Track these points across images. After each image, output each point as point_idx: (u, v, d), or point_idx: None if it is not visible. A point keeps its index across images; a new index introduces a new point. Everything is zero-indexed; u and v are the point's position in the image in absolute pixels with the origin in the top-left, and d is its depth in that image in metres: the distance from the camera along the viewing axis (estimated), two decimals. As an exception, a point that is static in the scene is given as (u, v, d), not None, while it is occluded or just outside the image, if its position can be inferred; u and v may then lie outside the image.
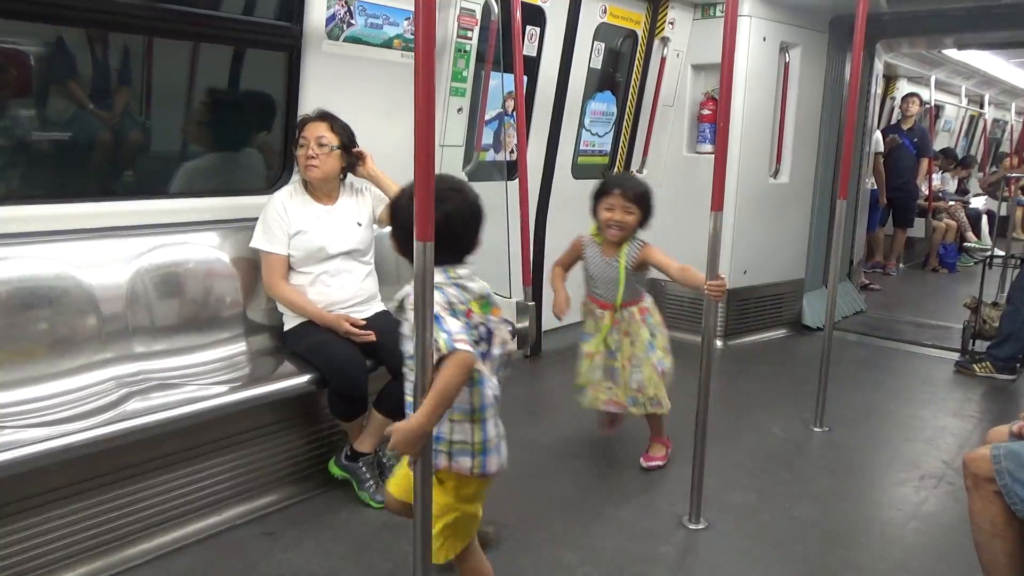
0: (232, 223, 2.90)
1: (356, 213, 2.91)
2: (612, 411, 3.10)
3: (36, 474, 2.09)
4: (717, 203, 2.54)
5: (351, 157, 2.87)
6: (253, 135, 3.27)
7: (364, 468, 2.76)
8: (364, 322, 2.77)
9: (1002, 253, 6.10)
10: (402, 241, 1.77)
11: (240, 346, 2.84)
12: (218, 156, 3.20)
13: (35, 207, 2.52)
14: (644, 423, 3.20)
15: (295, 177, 2.95)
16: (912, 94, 7.57)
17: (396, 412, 2.74)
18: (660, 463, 3.16)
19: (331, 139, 2.78)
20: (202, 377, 2.62)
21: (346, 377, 2.65)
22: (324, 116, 2.81)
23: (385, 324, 2.82)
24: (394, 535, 2.54)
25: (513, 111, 3.73)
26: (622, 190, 2.86)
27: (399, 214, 1.77)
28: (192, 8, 2.72)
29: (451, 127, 3.71)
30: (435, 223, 1.49)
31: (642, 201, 2.87)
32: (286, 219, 2.77)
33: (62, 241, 2.49)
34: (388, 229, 2.96)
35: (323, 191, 2.86)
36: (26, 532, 2.15)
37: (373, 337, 2.72)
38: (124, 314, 2.55)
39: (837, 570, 2.50)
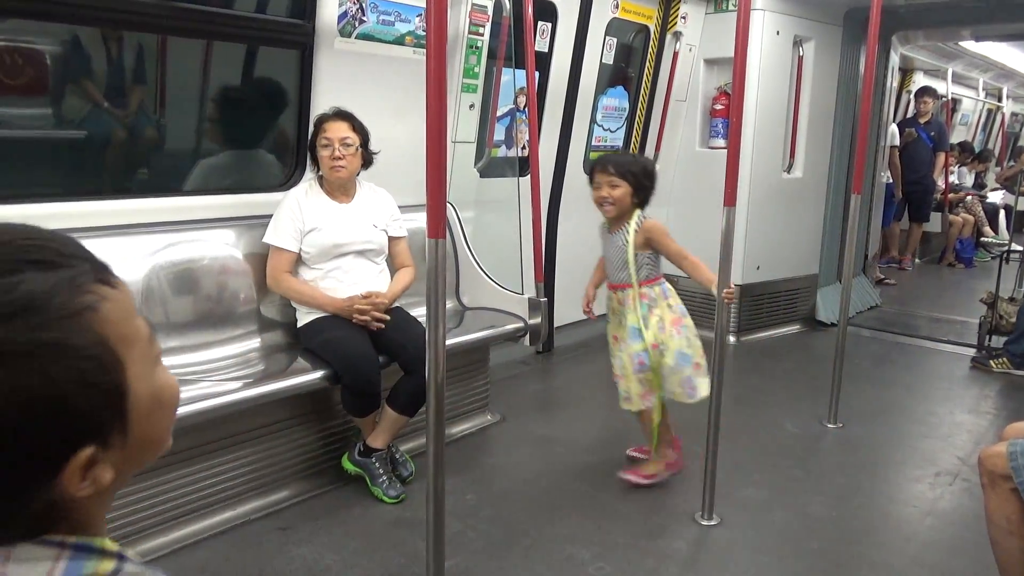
0: (246, 220, 2.92)
1: (373, 215, 2.92)
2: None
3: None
4: (730, 199, 2.53)
5: (367, 153, 2.88)
6: (266, 133, 3.29)
7: (377, 464, 2.77)
8: (383, 299, 2.80)
9: (1020, 248, 6.03)
10: None
11: (254, 342, 2.86)
12: (232, 154, 3.22)
13: (51, 205, 2.55)
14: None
15: (309, 174, 2.97)
16: (924, 90, 7.46)
17: (409, 408, 2.76)
18: (642, 481, 2.89)
19: (355, 139, 2.80)
20: (216, 373, 2.64)
21: (359, 373, 2.66)
22: (345, 115, 2.82)
23: (398, 320, 2.83)
24: (407, 530, 2.55)
25: (525, 107, 3.73)
26: (602, 166, 2.78)
27: None
28: (205, 6, 2.74)
29: (463, 123, 3.72)
30: None
31: (626, 173, 2.74)
32: (300, 216, 2.79)
33: (78, 239, 2.51)
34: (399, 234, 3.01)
35: (341, 189, 2.87)
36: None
37: (387, 318, 2.75)
38: (140, 311, 2.56)
39: (851, 566, 2.49)
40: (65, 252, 0.61)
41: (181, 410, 2.44)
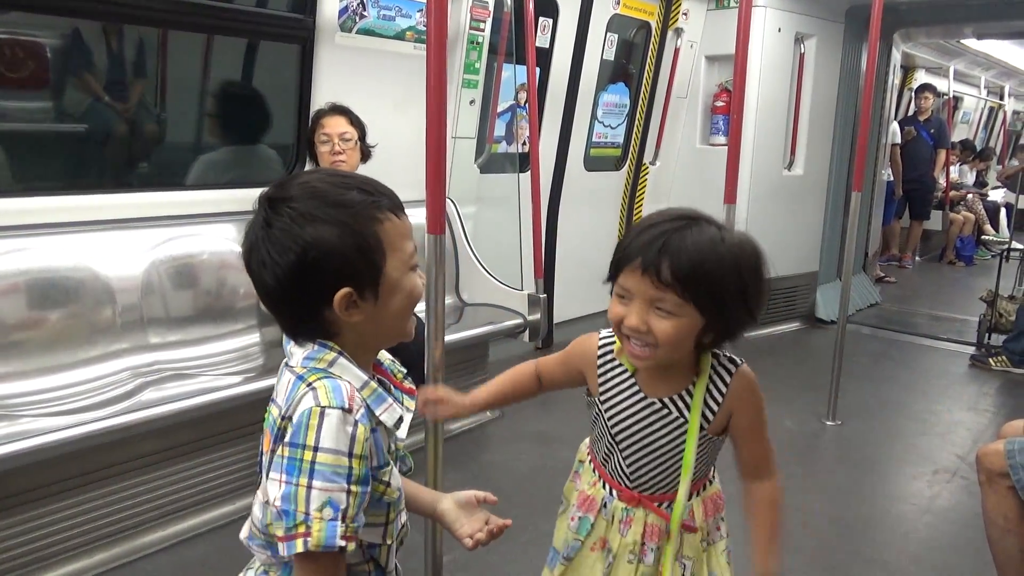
0: (247, 215, 2.90)
1: None
2: None
3: (53, 462, 2.12)
4: (730, 196, 2.53)
5: (366, 147, 2.89)
6: (266, 127, 3.29)
7: (376, 459, 2.77)
8: None
9: (1020, 246, 6.03)
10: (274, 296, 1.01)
11: (254, 337, 2.86)
12: (232, 148, 3.22)
13: (52, 198, 2.54)
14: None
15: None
16: (925, 87, 7.46)
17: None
18: None
19: (353, 133, 2.79)
20: (216, 368, 2.64)
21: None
22: (342, 110, 2.82)
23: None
24: (406, 525, 2.56)
25: (525, 103, 3.73)
26: (644, 260, 1.16)
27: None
28: (206, 1, 2.73)
29: (463, 119, 3.71)
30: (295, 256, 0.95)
31: (700, 283, 1.16)
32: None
33: (78, 232, 2.52)
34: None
35: None
36: (44, 519, 2.18)
37: None
38: (139, 305, 2.57)
39: (849, 563, 2.49)
40: (379, 189, 1.02)
41: (180, 405, 2.42)
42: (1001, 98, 10.60)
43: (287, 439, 0.93)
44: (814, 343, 4.99)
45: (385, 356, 1.16)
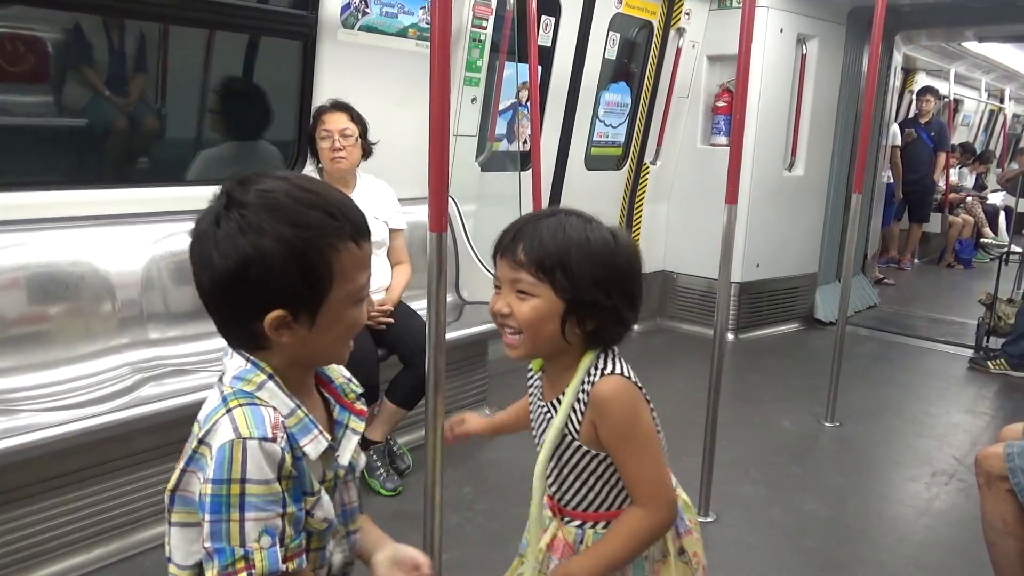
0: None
1: (374, 206, 2.91)
2: None
3: (52, 457, 2.12)
4: (731, 196, 2.53)
5: (367, 143, 2.88)
6: (267, 123, 3.28)
7: (375, 456, 2.77)
8: (388, 306, 2.79)
9: (1019, 250, 6.04)
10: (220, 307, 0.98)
11: (253, 333, 2.86)
12: (233, 144, 3.21)
13: (52, 193, 2.54)
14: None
15: (308, 167, 2.96)
16: (926, 90, 7.46)
17: (408, 401, 2.76)
18: None
19: (354, 129, 2.79)
20: (216, 364, 2.62)
21: (358, 366, 2.64)
22: (342, 106, 2.81)
23: (398, 314, 2.83)
24: (404, 523, 2.55)
25: (527, 101, 3.73)
26: (502, 245, 1.25)
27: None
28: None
29: (465, 117, 3.71)
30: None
31: (551, 261, 1.18)
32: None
33: (78, 227, 2.51)
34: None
35: (341, 181, 2.87)
36: (42, 515, 2.17)
37: (391, 320, 2.75)
38: (139, 300, 2.57)
39: (846, 564, 2.49)
40: (345, 215, 0.94)
41: (179, 401, 2.41)
42: (1001, 101, 10.60)
43: (209, 476, 0.88)
44: (813, 344, 4.99)
45: (339, 374, 1.12)
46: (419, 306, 2.68)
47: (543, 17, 3.89)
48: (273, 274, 0.89)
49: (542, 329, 1.20)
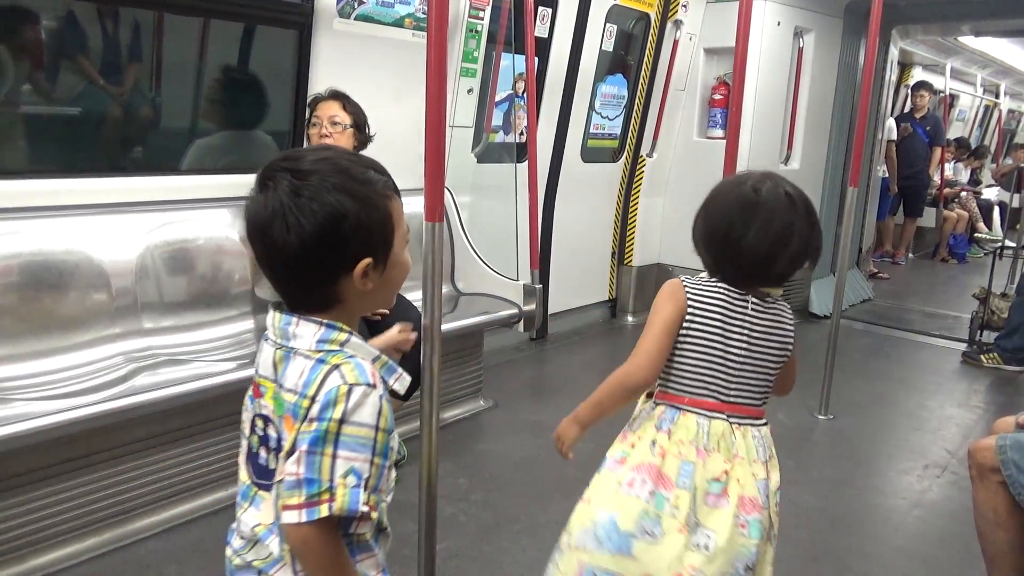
0: (242, 201, 2.89)
1: None
2: None
3: (45, 447, 2.11)
4: (727, 188, 2.53)
5: (364, 136, 2.86)
6: (263, 113, 3.27)
7: (370, 447, 2.77)
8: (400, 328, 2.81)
9: (1013, 244, 6.06)
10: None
11: (248, 323, 2.85)
12: (229, 134, 3.20)
13: (46, 181, 2.53)
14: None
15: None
16: (922, 84, 7.46)
17: (404, 393, 2.76)
18: None
19: (344, 118, 2.77)
20: (210, 354, 2.63)
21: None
22: (336, 95, 2.80)
23: (397, 305, 2.83)
24: (399, 513, 2.55)
25: (523, 92, 3.72)
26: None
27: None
28: (203, -16, 2.71)
29: (461, 108, 3.70)
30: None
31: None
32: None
33: (72, 216, 2.50)
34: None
35: None
36: (36, 504, 2.17)
37: (387, 311, 2.75)
38: (133, 290, 2.56)
39: (840, 555, 2.51)
40: (384, 171, 1.10)
41: (173, 390, 2.42)
42: (997, 96, 10.61)
43: (314, 414, 0.98)
44: (807, 337, 5.00)
45: None
46: (415, 297, 2.67)
47: (540, 8, 3.87)
48: (361, 226, 1.02)
49: None
